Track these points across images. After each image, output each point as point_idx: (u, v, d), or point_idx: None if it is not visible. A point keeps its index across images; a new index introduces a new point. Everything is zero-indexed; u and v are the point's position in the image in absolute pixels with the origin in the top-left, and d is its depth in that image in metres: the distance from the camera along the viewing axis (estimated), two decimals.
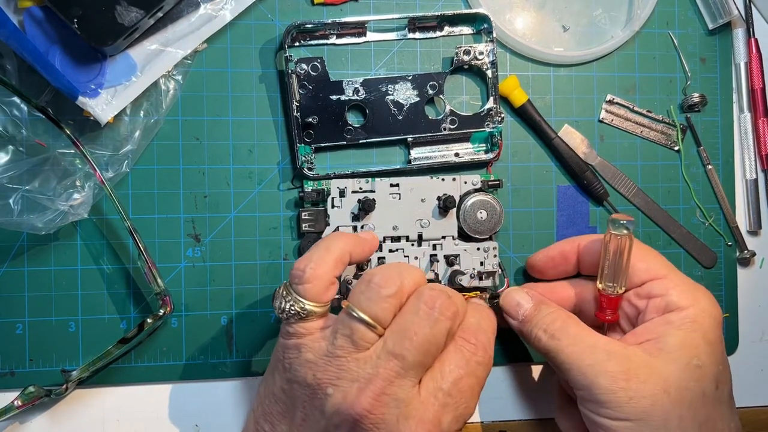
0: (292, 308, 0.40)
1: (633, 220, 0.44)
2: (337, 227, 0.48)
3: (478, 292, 0.49)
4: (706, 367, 0.41)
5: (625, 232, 0.44)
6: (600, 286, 0.45)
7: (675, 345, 0.41)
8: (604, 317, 0.45)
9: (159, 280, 0.46)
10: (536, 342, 0.44)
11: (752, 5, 0.55)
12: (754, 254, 0.55)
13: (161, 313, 0.46)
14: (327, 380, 0.39)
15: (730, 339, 0.55)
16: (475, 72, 0.52)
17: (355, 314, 0.39)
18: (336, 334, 0.39)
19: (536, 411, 0.52)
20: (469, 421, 0.50)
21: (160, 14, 0.45)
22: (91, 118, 0.45)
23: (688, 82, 0.54)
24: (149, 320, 0.45)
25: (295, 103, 0.48)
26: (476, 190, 0.50)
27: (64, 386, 0.45)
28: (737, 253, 0.55)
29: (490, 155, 0.51)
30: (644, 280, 0.44)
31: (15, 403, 0.44)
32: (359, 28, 0.50)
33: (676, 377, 0.40)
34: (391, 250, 0.49)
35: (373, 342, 0.39)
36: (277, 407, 0.41)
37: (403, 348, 0.38)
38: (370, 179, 0.49)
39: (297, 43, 0.50)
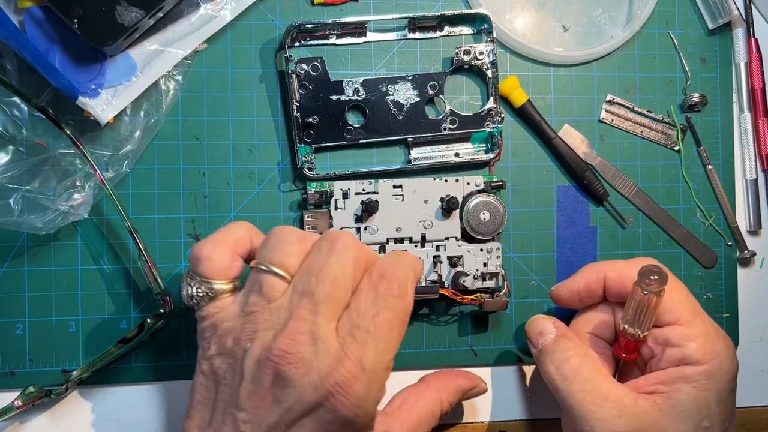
0: (199, 290, 0.39)
1: (665, 277, 0.40)
2: (341, 229, 0.48)
3: (480, 295, 0.49)
4: (715, 427, 0.40)
5: (654, 290, 0.40)
6: (622, 325, 0.43)
7: (687, 403, 0.40)
8: (621, 355, 0.44)
9: (159, 280, 0.46)
10: (547, 377, 0.44)
11: (752, 5, 0.55)
12: (754, 254, 0.55)
13: (161, 313, 0.46)
14: (246, 337, 0.37)
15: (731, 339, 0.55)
16: (475, 72, 0.52)
17: (263, 267, 0.38)
18: (248, 293, 0.39)
19: (536, 411, 0.52)
20: (469, 420, 0.51)
21: (160, 14, 0.45)
22: (91, 118, 0.45)
23: (688, 82, 0.54)
24: (149, 320, 0.45)
25: (295, 103, 0.48)
26: (479, 191, 0.50)
27: (64, 386, 0.45)
28: (737, 253, 0.55)
29: (491, 155, 0.51)
30: (665, 322, 0.42)
31: (15, 403, 0.44)
32: (359, 28, 0.50)
33: None
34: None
35: (284, 291, 0.38)
36: (196, 397, 0.39)
37: (310, 285, 0.37)
38: (373, 181, 0.49)
39: (297, 43, 0.50)
